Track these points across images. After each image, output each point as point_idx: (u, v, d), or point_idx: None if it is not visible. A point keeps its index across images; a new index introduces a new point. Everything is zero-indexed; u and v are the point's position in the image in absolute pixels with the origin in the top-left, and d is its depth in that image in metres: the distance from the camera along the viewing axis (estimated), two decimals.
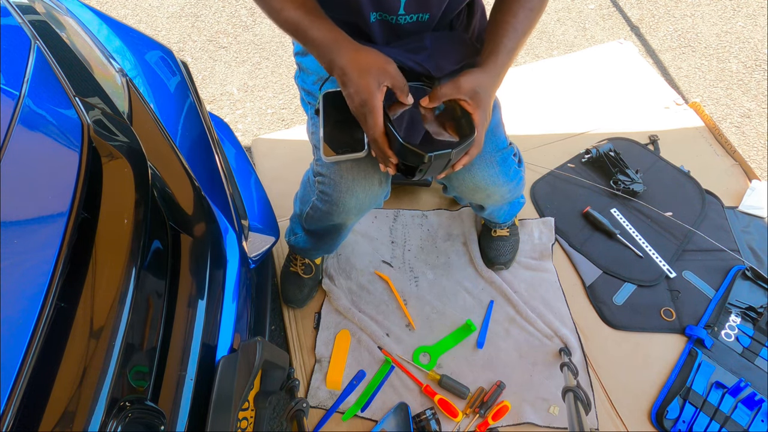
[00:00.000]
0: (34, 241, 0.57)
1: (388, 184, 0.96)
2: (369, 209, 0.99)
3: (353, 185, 0.91)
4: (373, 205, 0.98)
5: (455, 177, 0.97)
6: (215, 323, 0.77)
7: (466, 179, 0.96)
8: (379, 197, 0.96)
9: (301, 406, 0.93)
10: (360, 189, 0.92)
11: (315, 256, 1.30)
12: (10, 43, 0.78)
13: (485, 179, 0.96)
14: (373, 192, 0.93)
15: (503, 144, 0.97)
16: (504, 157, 0.96)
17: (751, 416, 1.16)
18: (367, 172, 0.91)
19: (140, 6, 2.31)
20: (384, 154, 0.76)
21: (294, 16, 0.77)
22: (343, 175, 0.91)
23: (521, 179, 1.07)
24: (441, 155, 0.74)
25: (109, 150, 0.69)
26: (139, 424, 0.56)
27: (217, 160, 1.01)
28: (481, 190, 0.98)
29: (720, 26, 2.12)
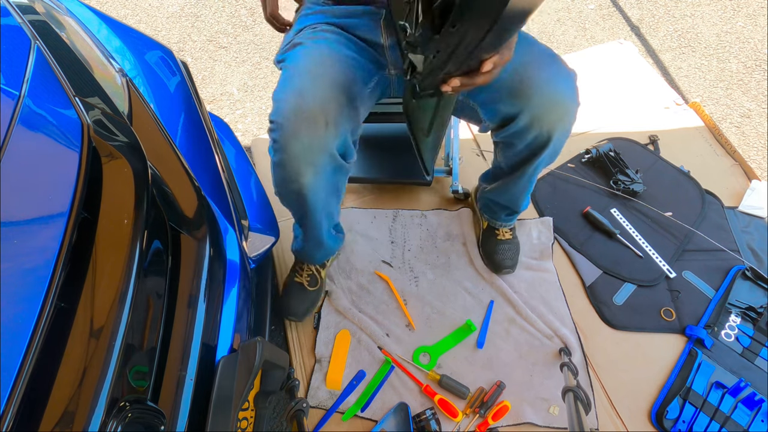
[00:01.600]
0: (34, 241, 0.57)
1: (338, 129, 0.89)
2: (321, 156, 0.91)
3: (298, 128, 0.87)
4: (325, 151, 0.90)
5: (536, 92, 0.91)
6: (215, 323, 0.77)
7: (547, 92, 0.91)
8: (328, 142, 0.89)
9: (301, 406, 0.93)
10: (305, 132, 0.87)
11: (315, 258, 1.27)
12: (10, 43, 0.78)
13: (565, 92, 0.92)
14: (318, 135, 0.87)
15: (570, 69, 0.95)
16: (574, 77, 0.94)
17: (751, 416, 1.16)
18: (311, 112, 0.86)
19: (140, 6, 2.31)
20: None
21: None
22: (288, 117, 0.87)
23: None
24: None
25: (109, 150, 0.69)
26: (139, 424, 0.56)
27: (217, 160, 1.01)
28: (560, 104, 0.93)
29: (720, 26, 2.12)
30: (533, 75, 0.90)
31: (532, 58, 0.91)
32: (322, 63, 0.92)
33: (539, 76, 0.90)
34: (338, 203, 1.11)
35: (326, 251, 1.26)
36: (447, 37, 0.55)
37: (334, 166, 0.94)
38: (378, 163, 1.52)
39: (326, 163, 0.92)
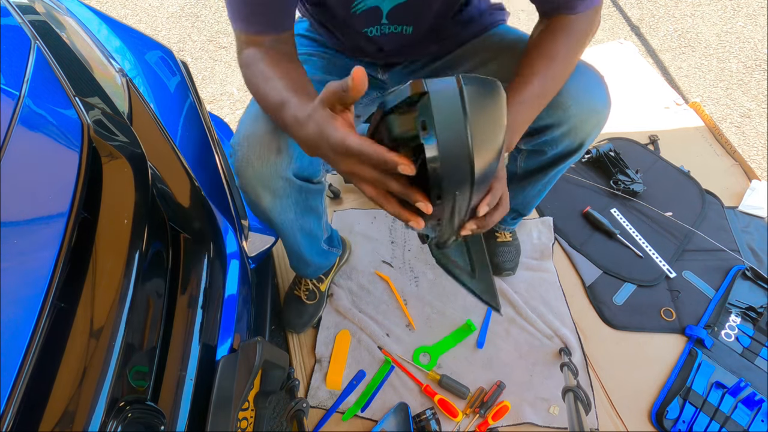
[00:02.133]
0: (34, 241, 0.57)
1: (291, 155, 0.84)
2: (275, 181, 0.86)
3: (249, 154, 0.84)
4: (278, 176, 0.86)
5: (573, 102, 0.87)
6: (215, 323, 0.77)
7: (585, 100, 0.88)
8: (280, 168, 0.84)
9: (301, 406, 0.93)
10: (255, 157, 0.84)
11: (307, 274, 1.25)
12: (10, 43, 0.78)
13: (602, 99, 0.90)
14: (269, 161, 0.83)
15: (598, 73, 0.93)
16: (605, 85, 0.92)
17: (751, 416, 1.16)
18: (263, 138, 0.83)
19: (140, 6, 2.31)
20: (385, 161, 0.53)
21: (274, 97, 0.72)
22: (241, 142, 0.85)
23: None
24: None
25: (109, 150, 0.69)
26: (139, 424, 0.56)
27: (217, 160, 1.01)
28: (597, 112, 0.91)
29: (720, 26, 2.12)
30: (568, 85, 0.86)
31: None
32: None
33: (575, 86, 0.87)
34: (319, 221, 1.06)
35: (316, 268, 1.24)
36: (439, 208, 0.53)
37: (295, 188, 0.90)
38: None
39: (283, 187, 0.88)
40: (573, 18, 0.77)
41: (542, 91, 0.75)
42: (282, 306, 1.33)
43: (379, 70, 1.03)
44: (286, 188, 0.88)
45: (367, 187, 0.58)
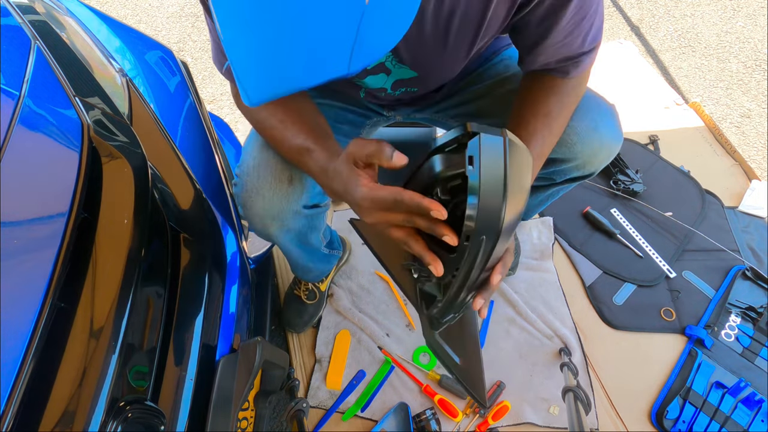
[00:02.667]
0: (34, 241, 0.57)
1: (303, 185, 0.84)
2: (286, 214, 0.86)
3: (260, 185, 0.82)
4: (289, 209, 0.85)
5: (579, 140, 0.85)
6: (215, 323, 0.77)
7: (593, 139, 0.87)
8: (292, 199, 0.83)
9: (301, 406, 0.93)
10: (267, 189, 0.82)
11: (309, 278, 1.25)
12: (10, 43, 0.78)
13: (610, 134, 0.88)
14: (282, 192, 0.82)
15: (609, 104, 0.92)
16: (616, 116, 0.91)
17: (751, 416, 1.16)
18: (275, 169, 0.81)
19: (140, 6, 2.31)
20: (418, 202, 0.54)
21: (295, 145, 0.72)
22: (250, 173, 0.83)
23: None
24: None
25: (109, 150, 0.69)
26: (139, 424, 0.56)
27: (217, 160, 1.01)
28: (606, 147, 0.90)
29: (720, 26, 2.12)
30: (576, 125, 0.85)
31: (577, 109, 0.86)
32: None
33: (582, 125, 0.86)
34: (319, 235, 1.05)
35: (318, 273, 1.24)
36: (463, 251, 0.54)
37: (303, 216, 0.88)
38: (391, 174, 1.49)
39: (293, 217, 0.87)
40: (566, 80, 0.75)
41: (542, 151, 0.74)
42: (282, 306, 1.33)
43: (385, 109, 1.01)
44: (295, 218, 0.87)
45: (394, 231, 0.60)
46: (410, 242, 0.59)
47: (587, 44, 0.70)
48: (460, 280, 0.57)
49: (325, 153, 0.69)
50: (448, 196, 0.57)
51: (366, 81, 0.79)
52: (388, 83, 0.81)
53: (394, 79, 0.80)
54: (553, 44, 0.68)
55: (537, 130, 0.73)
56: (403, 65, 0.75)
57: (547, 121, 0.74)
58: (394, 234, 0.60)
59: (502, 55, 0.95)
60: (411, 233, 0.60)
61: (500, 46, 0.96)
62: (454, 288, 0.59)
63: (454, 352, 0.73)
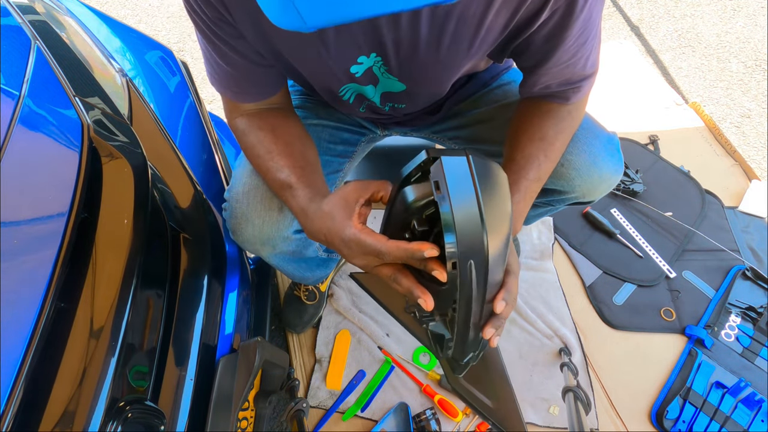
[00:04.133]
0: (34, 241, 0.57)
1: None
2: (276, 240, 0.85)
3: (249, 211, 0.81)
4: (280, 235, 0.84)
5: (577, 175, 0.85)
6: (215, 323, 0.77)
7: (592, 173, 0.85)
8: (283, 226, 0.82)
9: (301, 406, 0.93)
10: (256, 216, 0.80)
11: (308, 283, 1.23)
12: (10, 43, 0.78)
13: (610, 168, 0.87)
14: (272, 219, 0.81)
15: (609, 133, 0.89)
16: (617, 144, 0.89)
17: (751, 416, 1.16)
18: (265, 196, 0.80)
19: (140, 6, 2.31)
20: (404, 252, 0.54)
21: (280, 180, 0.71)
22: (239, 199, 0.81)
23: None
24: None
25: (109, 150, 0.69)
26: (139, 424, 0.56)
27: (217, 160, 1.01)
28: (605, 180, 0.88)
29: (720, 26, 2.12)
30: (574, 159, 0.84)
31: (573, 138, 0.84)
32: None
33: (581, 160, 0.84)
34: (314, 247, 1.03)
35: (318, 278, 1.21)
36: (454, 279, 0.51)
37: (295, 241, 0.87)
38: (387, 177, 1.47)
39: (282, 242, 0.86)
40: (563, 105, 0.74)
41: (538, 175, 0.73)
42: (282, 306, 1.32)
43: (380, 127, 1.00)
44: (286, 242, 0.86)
45: (382, 269, 0.59)
46: (399, 278, 0.58)
47: (588, 67, 0.70)
48: (462, 312, 0.54)
49: (306, 191, 0.68)
50: (426, 227, 0.55)
51: (350, 87, 0.76)
52: (375, 96, 0.79)
53: (382, 91, 0.78)
54: (557, 65, 0.67)
55: (532, 154, 0.72)
56: (390, 76, 0.72)
57: (543, 146, 0.72)
58: (381, 272, 0.60)
59: (501, 80, 0.94)
60: (399, 269, 0.59)
61: (499, 70, 0.95)
62: (460, 322, 0.56)
63: (484, 395, 0.70)
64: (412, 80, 0.73)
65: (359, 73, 0.71)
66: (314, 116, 0.94)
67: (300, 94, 0.99)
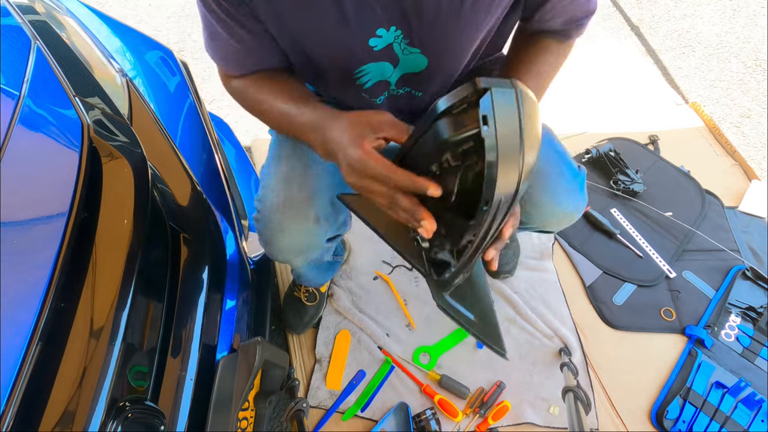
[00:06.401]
0: (34, 241, 0.57)
1: (329, 222, 0.84)
2: (312, 250, 0.87)
3: (284, 222, 0.81)
4: (315, 245, 0.86)
5: (538, 212, 0.88)
6: (215, 323, 0.77)
7: (553, 212, 0.88)
8: (318, 236, 0.84)
9: (301, 406, 0.93)
10: (292, 226, 0.81)
11: (312, 284, 1.25)
12: (10, 43, 0.78)
13: (571, 207, 0.89)
14: (307, 230, 0.82)
15: (576, 169, 0.92)
16: (582, 182, 0.91)
17: (751, 416, 1.16)
18: (300, 208, 0.81)
19: (140, 6, 2.31)
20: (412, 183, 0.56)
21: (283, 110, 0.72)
22: (274, 211, 0.81)
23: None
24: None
25: (109, 150, 0.69)
26: (139, 424, 0.56)
27: (217, 160, 1.01)
28: (567, 218, 0.92)
29: (720, 26, 2.12)
30: (534, 195, 0.85)
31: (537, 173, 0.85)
32: None
33: (543, 199, 0.86)
34: (331, 253, 1.06)
35: (323, 279, 1.25)
36: (482, 215, 0.52)
37: (324, 248, 0.89)
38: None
39: (314, 251, 0.88)
40: (562, 43, 0.75)
41: None
42: (282, 307, 1.32)
43: None
44: (318, 251, 0.89)
45: (378, 195, 0.59)
46: (399, 199, 0.57)
47: (592, 3, 0.71)
48: (477, 243, 0.55)
49: (316, 110, 0.68)
50: (458, 161, 0.54)
51: (369, 68, 0.73)
52: (393, 77, 0.77)
53: (401, 73, 0.76)
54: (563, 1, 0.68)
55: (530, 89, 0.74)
56: (413, 49, 0.71)
57: (539, 82, 0.74)
58: (377, 197, 0.59)
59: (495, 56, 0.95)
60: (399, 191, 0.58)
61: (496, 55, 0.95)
62: (470, 252, 0.57)
63: (468, 311, 0.73)
64: (434, 52, 0.72)
65: (378, 47, 0.69)
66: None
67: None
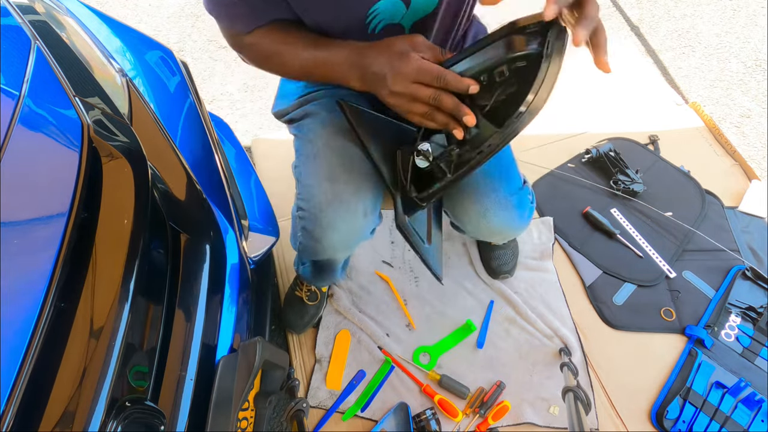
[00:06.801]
0: (34, 241, 0.57)
1: (374, 215, 0.88)
2: (357, 243, 0.91)
3: (334, 219, 0.84)
4: (361, 239, 0.90)
5: (468, 221, 0.91)
6: (215, 323, 0.77)
7: (481, 225, 0.90)
8: (365, 230, 0.88)
9: (301, 406, 0.93)
10: (342, 223, 0.84)
11: (319, 285, 1.26)
12: (10, 43, 0.78)
13: (502, 224, 0.90)
14: (357, 225, 0.85)
15: (518, 184, 0.92)
16: (520, 199, 0.91)
17: (751, 416, 1.16)
18: (349, 204, 0.83)
19: (140, 6, 2.31)
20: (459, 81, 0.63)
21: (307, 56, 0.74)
22: (323, 209, 0.84)
23: (533, 212, 1.02)
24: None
25: (109, 150, 0.69)
26: (139, 424, 0.56)
27: (217, 160, 1.01)
28: (497, 233, 0.94)
29: (720, 26, 2.12)
30: (468, 206, 0.88)
31: (471, 183, 0.88)
32: (346, 136, 0.85)
33: (473, 209, 0.88)
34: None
35: (333, 280, 1.25)
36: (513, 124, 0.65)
37: (366, 240, 0.93)
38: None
39: (360, 244, 0.92)
40: None
41: None
42: (282, 307, 1.32)
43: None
44: (360, 244, 0.92)
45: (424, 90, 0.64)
46: (443, 97, 0.64)
47: None
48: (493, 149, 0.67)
49: (344, 47, 0.71)
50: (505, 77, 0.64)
51: (380, 7, 0.74)
52: (406, 20, 0.77)
53: (412, 20, 0.77)
54: None
55: None
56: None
57: None
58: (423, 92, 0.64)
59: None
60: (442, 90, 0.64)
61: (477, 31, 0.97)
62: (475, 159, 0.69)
63: (421, 236, 0.84)
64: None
65: None
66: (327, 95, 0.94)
67: None
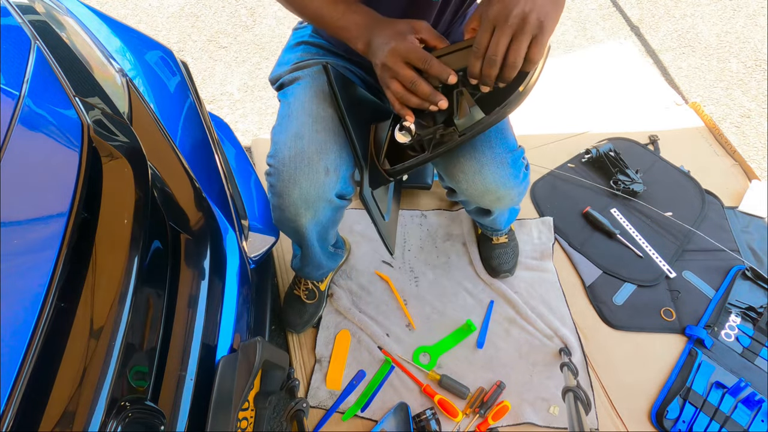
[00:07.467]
0: (34, 241, 0.57)
1: (337, 175, 0.88)
2: (319, 202, 0.91)
3: (296, 174, 0.86)
4: (323, 199, 0.90)
5: (464, 178, 0.92)
6: (215, 323, 0.77)
7: (476, 181, 0.91)
8: (327, 188, 0.88)
9: (301, 406, 0.93)
10: (303, 177, 0.86)
11: (314, 276, 1.26)
12: (10, 43, 0.78)
13: (497, 181, 0.91)
14: (318, 181, 0.87)
15: (513, 145, 0.94)
16: (515, 159, 0.92)
17: (751, 416, 1.16)
18: (311, 160, 0.85)
19: (140, 6, 2.31)
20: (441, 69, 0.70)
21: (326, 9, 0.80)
22: (286, 163, 0.86)
23: (528, 183, 1.03)
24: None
25: (109, 150, 0.69)
26: (139, 424, 0.56)
27: (217, 160, 1.01)
28: (491, 192, 0.94)
29: (720, 26, 2.12)
30: (463, 162, 0.90)
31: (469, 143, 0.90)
32: (323, 101, 0.89)
33: (468, 165, 0.90)
34: (335, 230, 1.12)
35: (325, 270, 1.25)
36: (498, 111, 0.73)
37: (333, 207, 0.93)
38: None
39: (324, 206, 0.91)
40: None
41: None
42: (282, 306, 1.33)
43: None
44: (326, 208, 0.92)
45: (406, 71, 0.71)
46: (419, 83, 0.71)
47: None
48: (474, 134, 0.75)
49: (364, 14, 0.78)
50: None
51: None
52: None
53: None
54: None
55: None
56: None
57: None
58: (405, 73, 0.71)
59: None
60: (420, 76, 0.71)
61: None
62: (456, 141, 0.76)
63: (381, 212, 0.90)
64: None
65: None
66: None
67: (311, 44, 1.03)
